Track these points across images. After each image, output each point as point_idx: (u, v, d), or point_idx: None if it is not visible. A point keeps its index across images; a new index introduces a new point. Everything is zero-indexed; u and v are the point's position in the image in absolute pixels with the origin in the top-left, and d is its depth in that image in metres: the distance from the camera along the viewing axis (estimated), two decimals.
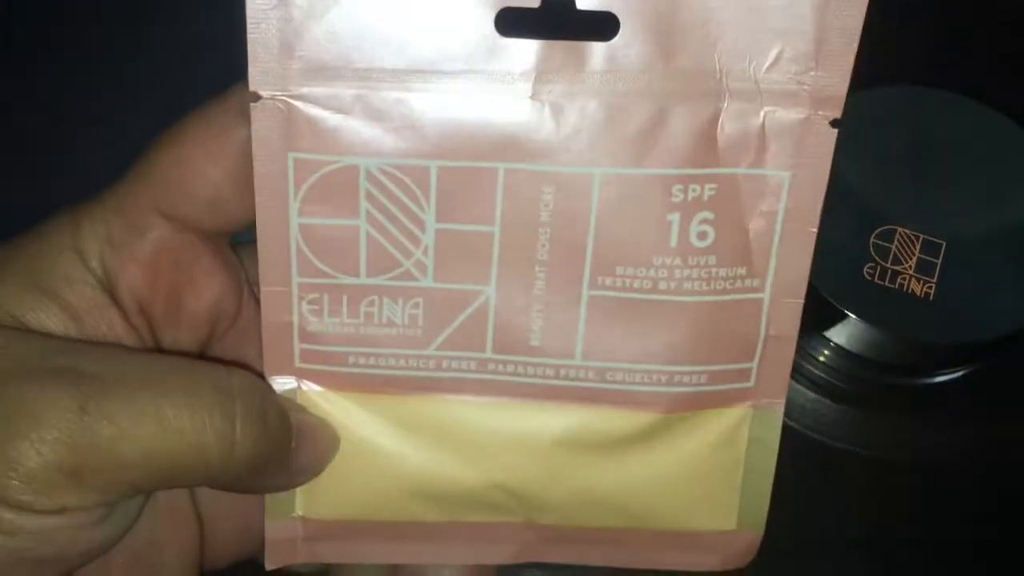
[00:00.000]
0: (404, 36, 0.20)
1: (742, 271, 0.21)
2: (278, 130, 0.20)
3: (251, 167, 0.20)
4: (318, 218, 0.21)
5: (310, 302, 0.22)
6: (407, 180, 0.21)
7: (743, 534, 0.23)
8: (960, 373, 0.36)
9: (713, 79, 0.20)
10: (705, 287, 0.21)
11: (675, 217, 0.21)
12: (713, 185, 0.21)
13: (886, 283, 0.33)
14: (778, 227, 0.21)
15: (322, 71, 0.20)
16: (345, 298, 0.22)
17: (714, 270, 0.21)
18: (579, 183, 0.20)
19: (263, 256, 0.21)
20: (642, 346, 0.22)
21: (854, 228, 0.34)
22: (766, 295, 0.22)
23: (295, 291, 0.21)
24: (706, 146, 0.20)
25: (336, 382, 0.22)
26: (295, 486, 0.22)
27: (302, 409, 0.22)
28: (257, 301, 0.22)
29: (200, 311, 0.22)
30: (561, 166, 0.20)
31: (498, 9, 0.19)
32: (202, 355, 0.23)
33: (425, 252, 0.21)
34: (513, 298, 0.21)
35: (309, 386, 0.22)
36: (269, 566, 0.23)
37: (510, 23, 0.20)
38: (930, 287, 0.33)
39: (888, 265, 0.33)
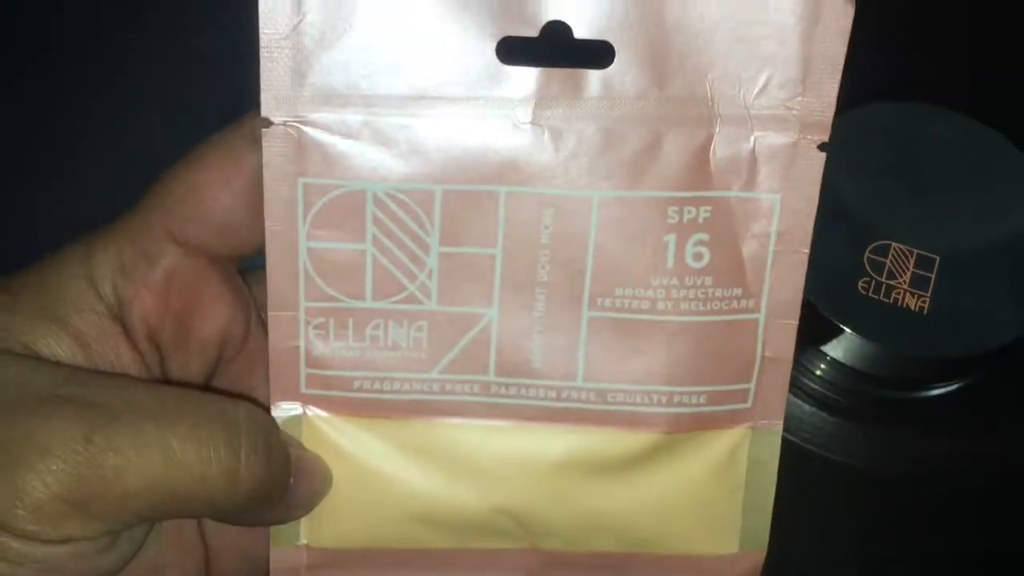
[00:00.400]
0: (410, 64, 0.20)
1: (737, 292, 0.22)
2: (289, 155, 0.21)
3: (262, 194, 0.21)
4: (326, 242, 0.21)
5: (316, 326, 0.22)
6: (412, 204, 0.21)
7: (745, 557, 0.24)
8: (955, 386, 0.36)
9: (705, 105, 0.21)
10: (702, 307, 0.22)
11: (671, 238, 0.21)
12: (708, 207, 0.21)
13: (881, 297, 0.34)
14: (771, 248, 0.22)
15: (332, 98, 0.20)
16: (351, 322, 0.22)
17: (710, 291, 0.22)
18: (578, 206, 0.21)
19: (272, 281, 0.21)
20: (642, 366, 0.22)
21: (849, 243, 0.34)
22: (761, 316, 0.22)
23: (302, 315, 0.22)
24: (699, 170, 0.21)
25: (341, 407, 0.22)
26: (291, 520, 0.22)
27: (299, 445, 0.22)
28: (264, 328, 0.23)
29: (209, 336, 0.22)
30: (560, 189, 0.21)
31: (499, 38, 0.20)
32: (208, 385, 0.23)
33: (429, 275, 0.22)
34: (514, 320, 0.22)
35: (315, 412, 0.22)
36: None
37: (510, 52, 0.20)
38: (924, 301, 0.34)
39: (883, 280, 0.34)
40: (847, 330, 0.33)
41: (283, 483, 0.21)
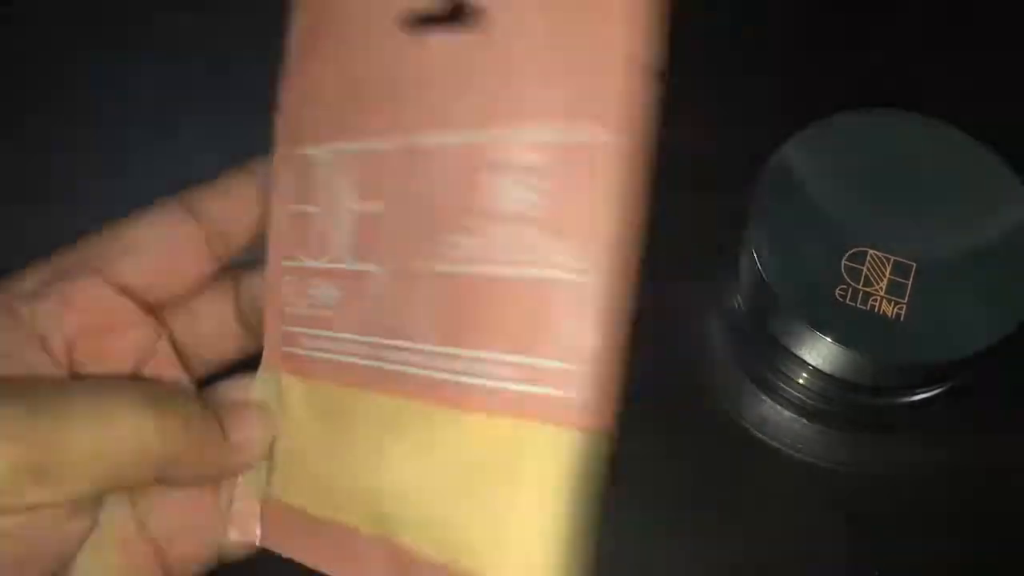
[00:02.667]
0: None
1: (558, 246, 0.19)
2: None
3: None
4: (288, 205, 0.25)
5: (286, 283, 0.25)
6: (336, 164, 0.23)
7: None
8: (934, 392, 0.36)
9: None
10: (513, 258, 0.19)
11: (489, 181, 0.20)
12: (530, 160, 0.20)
13: (858, 304, 0.34)
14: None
15: None
16: (301, 280, 0.24)
17: (528, 243, 0.19)
18: (419, 158, 0.21)
19: (268, 245, 0.25)
20: (464, 325, 0.20)
21: (826, 250, 0.34)
22: (588, 280, 0.19)
23: (282, 273, 0.25)
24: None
25: (295, 365, 0.25)
26: (237, 466, 0.24)
27: (242, 400, 0.25)
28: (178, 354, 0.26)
29: (123, 351, 0.24)
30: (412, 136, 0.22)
31: None
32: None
33: (346, 235, 0.23)
34: (394, 278, 0.22)
35: (284, 370, 0.25)
36: (231, 535, 0.25)
37: None
38: (901, 308, 0.34)
39: (860, 287, 0.34)
40: (825, 337, 0.33)
41: (211, 438, 0.23)
